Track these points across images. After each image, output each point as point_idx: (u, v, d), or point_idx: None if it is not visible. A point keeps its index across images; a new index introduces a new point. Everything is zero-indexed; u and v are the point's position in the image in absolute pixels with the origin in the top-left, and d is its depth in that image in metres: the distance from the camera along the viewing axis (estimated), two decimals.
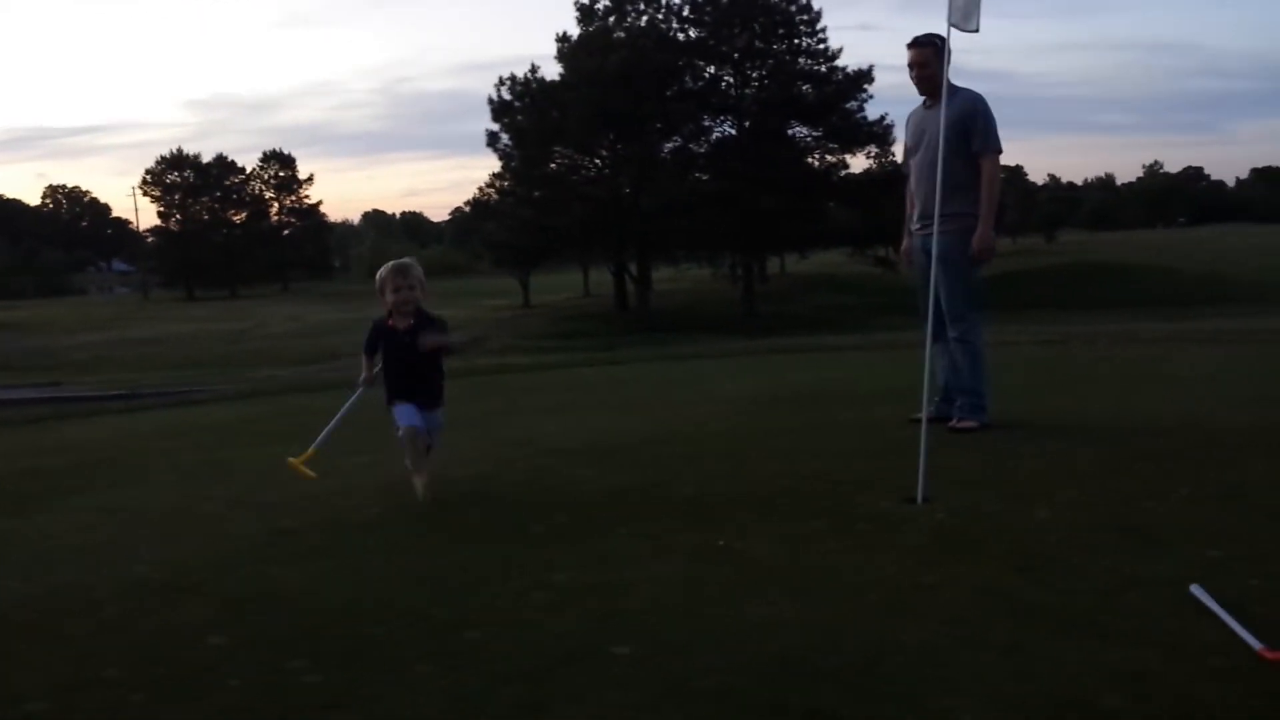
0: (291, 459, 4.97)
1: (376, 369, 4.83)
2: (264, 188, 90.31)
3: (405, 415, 4.61)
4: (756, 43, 50.31)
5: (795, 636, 2.84)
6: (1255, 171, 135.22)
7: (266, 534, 4.25)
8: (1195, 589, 2.96)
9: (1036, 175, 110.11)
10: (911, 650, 2.71)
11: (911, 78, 5.72)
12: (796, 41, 50.67)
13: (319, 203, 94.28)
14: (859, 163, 51.52)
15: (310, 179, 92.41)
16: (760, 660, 2.69)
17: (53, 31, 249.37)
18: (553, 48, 51.22)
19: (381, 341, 4.77)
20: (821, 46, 50.54)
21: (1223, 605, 2.85)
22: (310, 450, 5.00)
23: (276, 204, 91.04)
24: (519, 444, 5.91)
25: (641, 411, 7.17)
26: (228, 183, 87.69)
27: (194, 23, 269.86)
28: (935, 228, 5.42)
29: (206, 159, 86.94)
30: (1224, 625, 2.74)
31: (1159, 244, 71.21)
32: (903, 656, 2.67)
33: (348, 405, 5.03)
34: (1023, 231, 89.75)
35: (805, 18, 50.17)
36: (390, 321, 4.68)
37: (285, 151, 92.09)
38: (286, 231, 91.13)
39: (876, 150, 50.07)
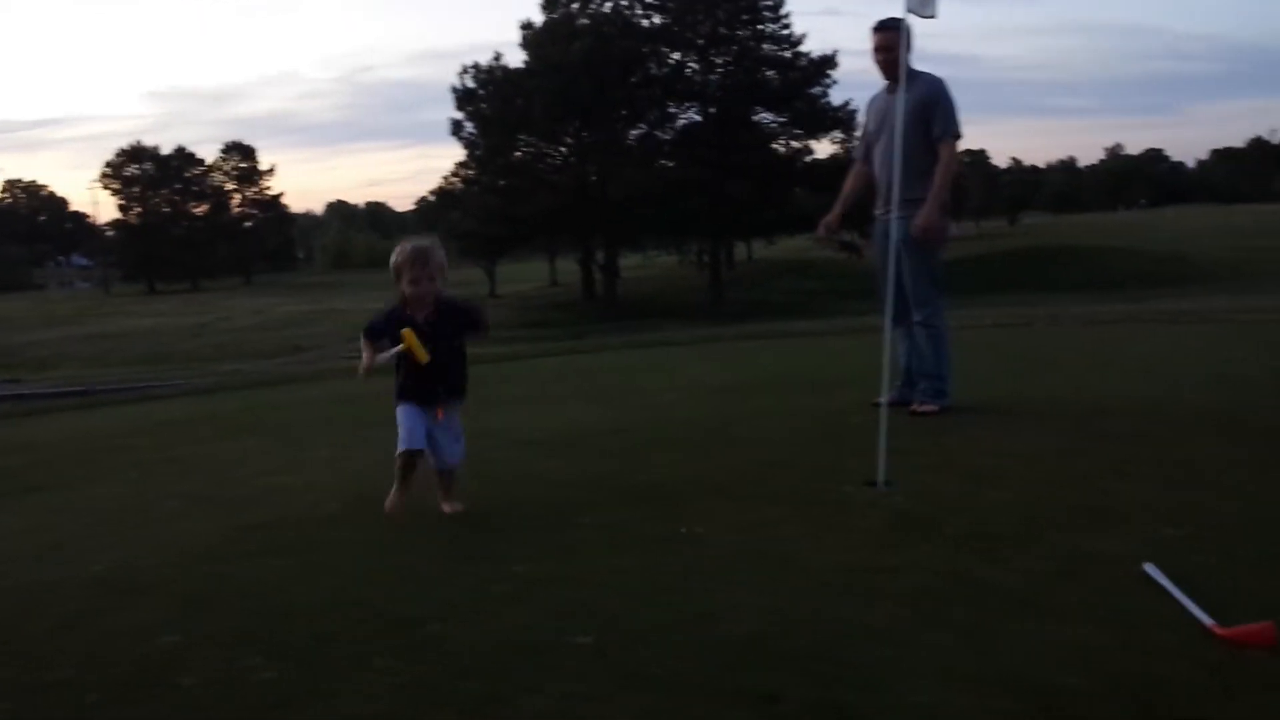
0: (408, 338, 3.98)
1: (385, 356, 4.04)
2: (225, 179, 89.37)
3: (408, 430, 4.05)
4: (721, 29, 50.31)
5: (756, 622, 2.84)
6: (1215, 153, 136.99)
7: (225, 531, 4.20)
8: (1149, 567, 2.99)
9: (1000, 159, 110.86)
10: (871, 633, 2.72)
11: (876, 62, 5.72)
12: (760, 27, 50.71)
13: (281, 194, 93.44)
14: (824, 148, 51.73)
15: (272, 170, 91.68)
16: (721, 646, 2.69)
17: (8, 24, 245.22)
18: (517, 35, 51.04)
19: (390, 328, 4.06)
20: (785, 32, 50.65)
21: (1176, 583, 2.89)
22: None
23: (238, 196, 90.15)
24: (483, 435, 5.86)
25: (607, 400, 7.16)
26: (188, 175, 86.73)
27: (153, 13, 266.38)
28: (895, 212, 5.45)
29: (166, 151, 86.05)
30: (1177, 603, 2.78)
31: (1121, 226, 72.02)
32: (862, 639, 2.69)
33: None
34: (986, 215, 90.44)
35: (769, 3, 50.23)
36: (407, 310, 4.07)
37: (246, 143, 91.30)
38: (248, 223, 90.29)
39: (842, 136, 50.24)
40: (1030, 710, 2.27)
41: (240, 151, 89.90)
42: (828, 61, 50.00)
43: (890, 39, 5.50)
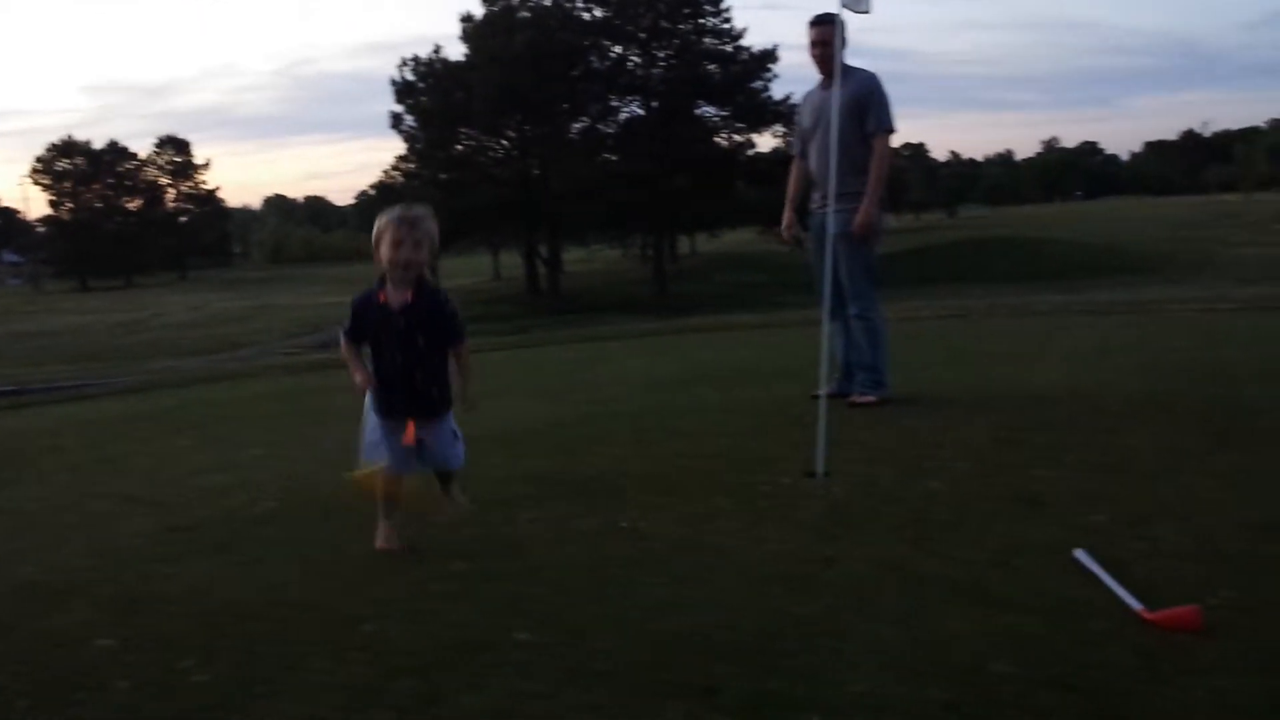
0: (359, 477, 3.62)
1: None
2: (159, 174, 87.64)
3: (392, 447, 3.49)
4: (662, 22, 50.34)
5: (695, 615, 2.86)
6: (1148, 145, 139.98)
7: (159, 532, 4.12)
8: (1079, 553, 3.06)
9: (939, 152, 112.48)
10: (808, 623, 2.75)
11: (813, 56, 5.75)
12: (701, 21, 50.82)
13: (217, 188, 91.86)
14: (766, 142, 52.02)
15: (207, 164, 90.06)
16: (660, 640, 2.70)
17: None
18: (457, 27, 50.64)
19: (365, 323, 3.49)
20: (726, 26, 50.80)
21: (1107, 568, 2.96)
22: (367, 466, 3.63)
23: (172, 190, 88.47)
24: None
25: (550, 395, 7.14)
26: (121, 169, 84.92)
27: (88, 5, 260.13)
28: (831, 206, 5.50)
29: (99, 145, 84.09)
30: (1107, 588, 2.84)
31: (1057, 218, 73.36)
32: (799, 630, 2.71)
33: (368, 409, 3.62)
34: (926, 208, 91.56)
35: None
36: (382, 295, 3.42)
37: (181, 136, 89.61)
38: (183, 218, 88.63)
39: (783, 130, 50.58)
40: (964, 697, 2.31)
41: (175, 145, 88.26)
42: (768, 56, 50.28)
43: (826, 34, 5.53)
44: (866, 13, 4.64)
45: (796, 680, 2.42)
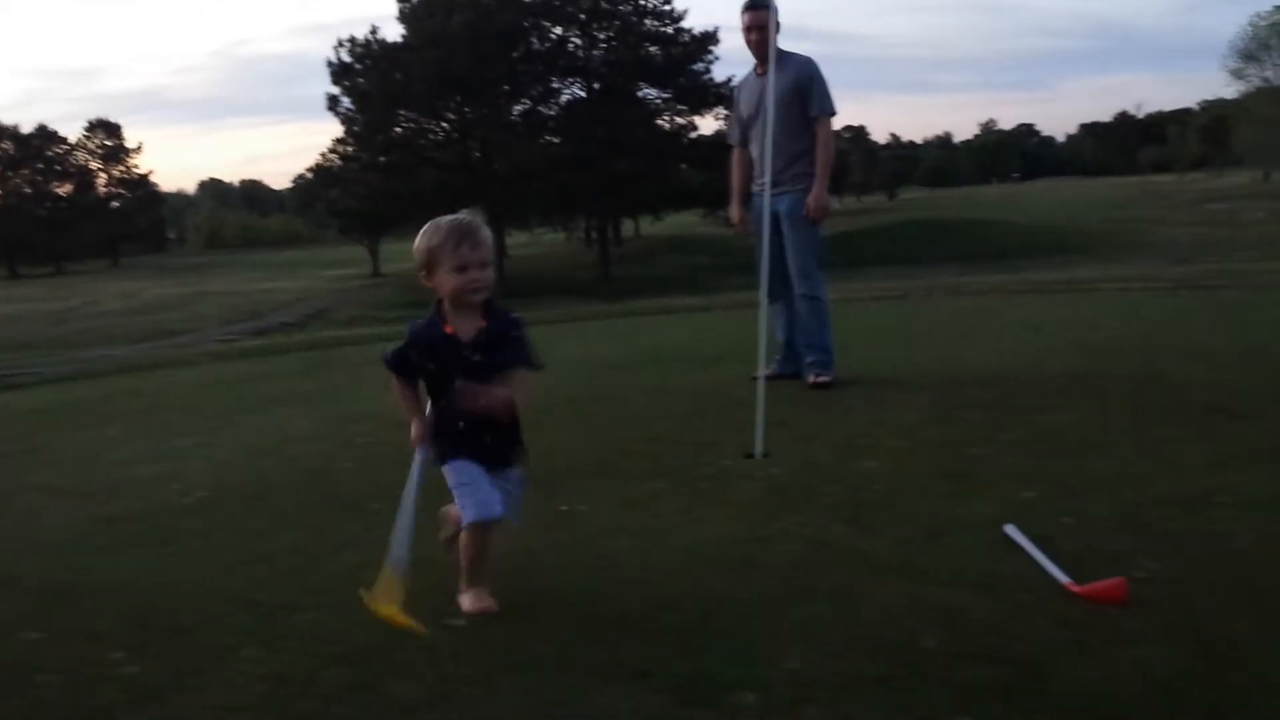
0: (381, 607, 2.69)
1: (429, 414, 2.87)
2: (90, 158, 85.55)
3: (483, 493, 2.78)
4: (603, 3, 50.11)
5: (632, 598, 2.86)
6: (1083, 126, 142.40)
7: (87, 523, 4.04)
8: (1009, 529, 3.11)
9: (879, 135, 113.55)
10: (743, 604, 2.77)
11: (748, 42, 5.74)
12: (642, 2, 50.68)
13: (149, 173, 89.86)
14: (708, 124, 52.10)
15: (139, 148, 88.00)
16: (597, 623, 2.70)
17: None
18: (394, 8, 49.99)
19: (432, 360, 2.81)
20: (667, 7, 50.72)
21: (1035, 542, 3.01)
22: (390, 579, 2.75)
23: (104, 175, 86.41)
24: (361, 419, 5.77)
25: None
26: (50, 154, 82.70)
27: None
28: (769, 190, 5.52)
29: (27, 129, 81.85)
30: (1036, 563, 2.89)
31: (994, 199, 74.37)
32: (735, 610, 2.73)
33: (413, 485, 2.89)
34: (867, 190, 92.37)
35: None
36: (448, 326, 2.77)
37: (112, 120, 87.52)
38: (115, 204, 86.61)
39: (725, 112, 50.65)
40: (894, 672, 2.33)
41: (106, 129, 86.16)
42: (709, 38, 50.30)
43: (761, 18, 5.52)
44: None
45: (731, 660, 2.43)
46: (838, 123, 5.79)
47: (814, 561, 3.05)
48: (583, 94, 51.22)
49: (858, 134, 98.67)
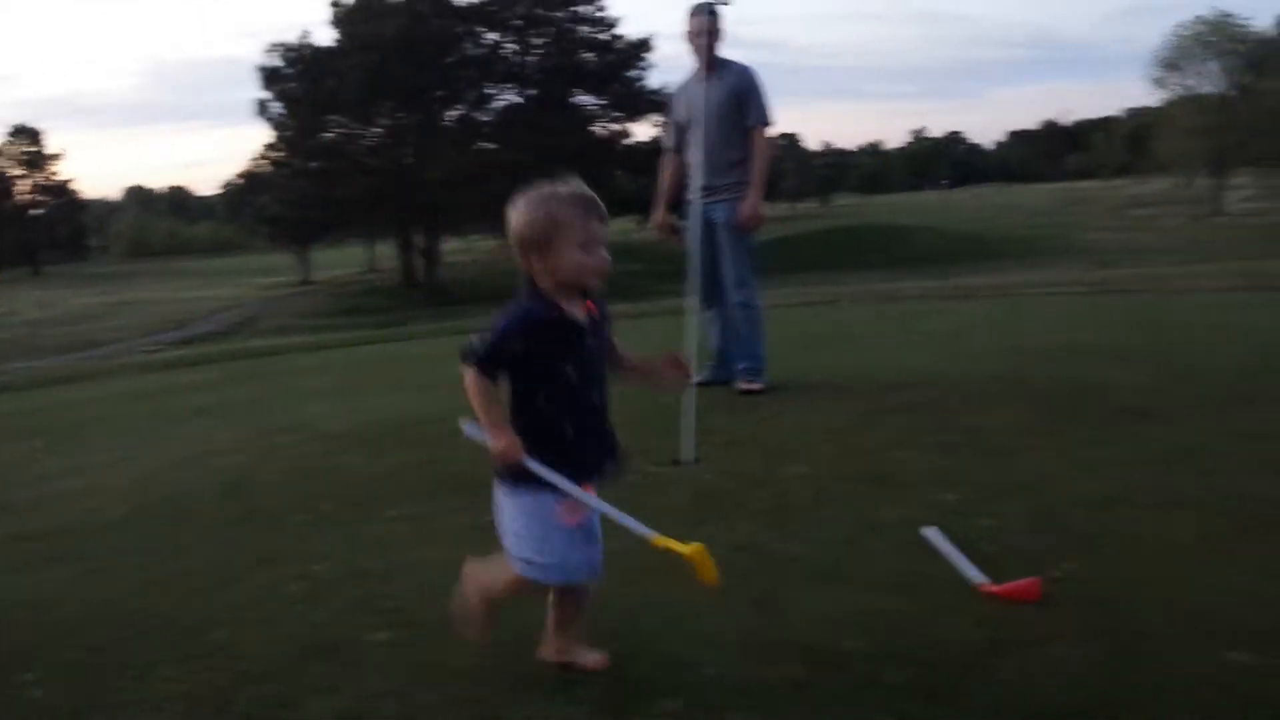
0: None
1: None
2: (9, 164, 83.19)
3: (579, 549, 2.39)
4: (537, 9, 50.00)
5: None
6: (1011, 134, 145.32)
7: (3, 540, 3.93)
8: (927, 531, 3.15)
9: (811, 142, 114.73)
10: (670, 610, 2.77)
11: (692, 46, 5.71)
12: (576, 9, 50.68)
13: (70, 180, 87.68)
14: (643, 131, 52.18)
15: (60, 154, 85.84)
16: (521, 633, 2.68)
17: None
18: (326, 13, 49.40)
19: (546, 347, 2.33)
20: (601, 15, 50.78)
21: (956, 544, 3.05)
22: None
23: (24, 182, 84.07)
24: (286, 430, 5.68)
25: (420, 390, 7.03)
26: None
27: None
28: (701, 197, 5.53)
29: None
30: (954, 564, 2.93)
31: (925, 206, 75.57)
32: (661, 617, 2.73)
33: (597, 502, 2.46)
34: (800, 197, 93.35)
35: None
36: (560, 307, 2.32)
37: (33, 125, 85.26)
38: (36, 211, 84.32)
39: (661, 119, 50.81)
40: (817, 675, 2.36)
41: (27, 135, 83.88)
42: (643, 45, 50.45)
43: (708, 23, 5.52)
44: (726, 4, 4.68)
45: (655, 667, 2.44)
46: (772, 130, 5.82)
47: (740, 567, 3.05)
48: (518, 100, 51.04)
49: (790, 141, 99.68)
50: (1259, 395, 4.98)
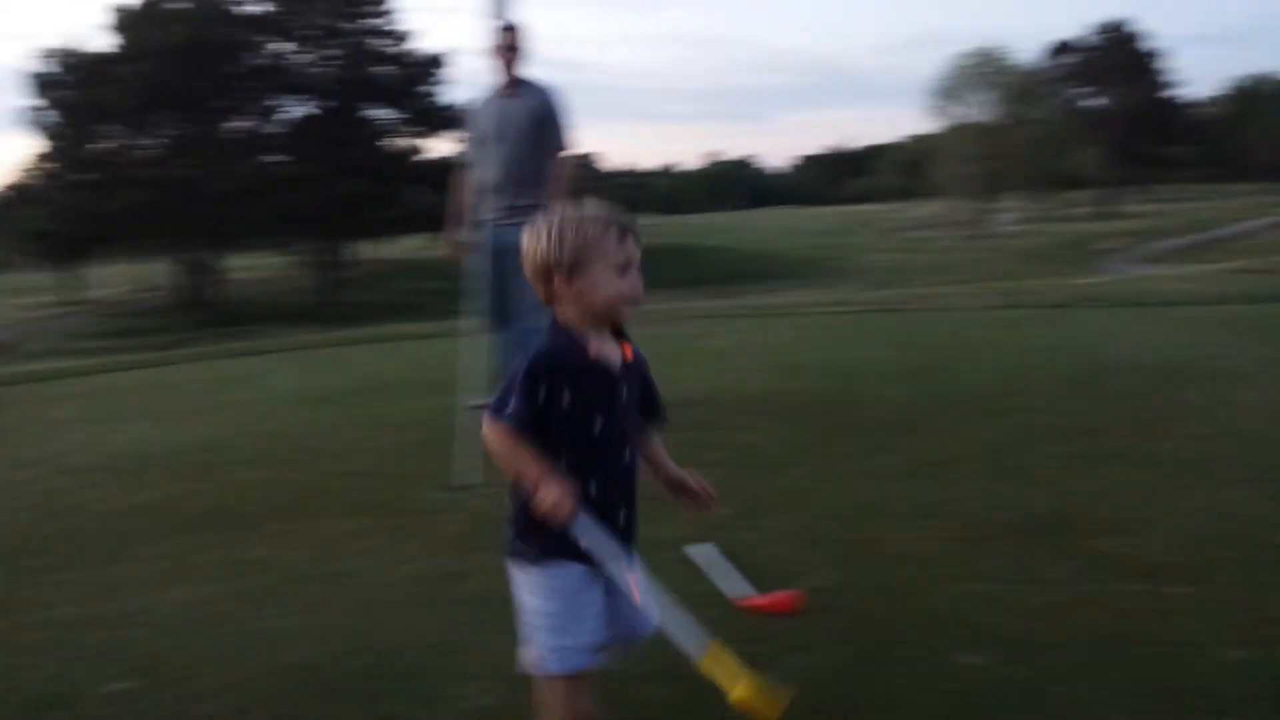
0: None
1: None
2: None
3: (584, 631, 2.03)
4: (328, 21, 48.68)
5: (318, 645, 2.75)
6: (800, 158, 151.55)
7: None
8: (689, 549, 3.22)
9: (610, 162, 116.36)
10: (431, 641, 2.72)
11: (496, 61, 5.54)
12: (367, 22, 49.63)
13: None
14: (436, 147, 51.54)
15: None
16: (275, 675, 2.57)
17: None
18: (106, 17, 46.58)
19: (571, 393, 1.95)
20: (393, 28, 49.93)
21: (723, 559, 3.13)
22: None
23: None
24: (30, 464, 5.27)
25: (187, 416, 6.67)
26: None
27: None
28: (493, 219, 5.44)
29: None
30: (719, 579, 3.00)
31: (719, 226, 77.80)
32: (422, 649, 2.68)
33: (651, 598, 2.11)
34: None
35: None
36: (592, 347, 1.96)
37: None
38: None
39: (452, 135, 50.30)
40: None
41: None
42: (437, 60, 49.92)
43: (514, 39, 5.42)
44: (505, 21, 4.66)
45: (411, 701, 2.39)
46: (574, 151, 5.78)
47: (504, 595, 3.02)
48: (312, 111, 49.46)
49: (589, 161, 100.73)
50: (1002, 408, 5.35)
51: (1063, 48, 65.22)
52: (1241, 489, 3.82)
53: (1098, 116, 63.02)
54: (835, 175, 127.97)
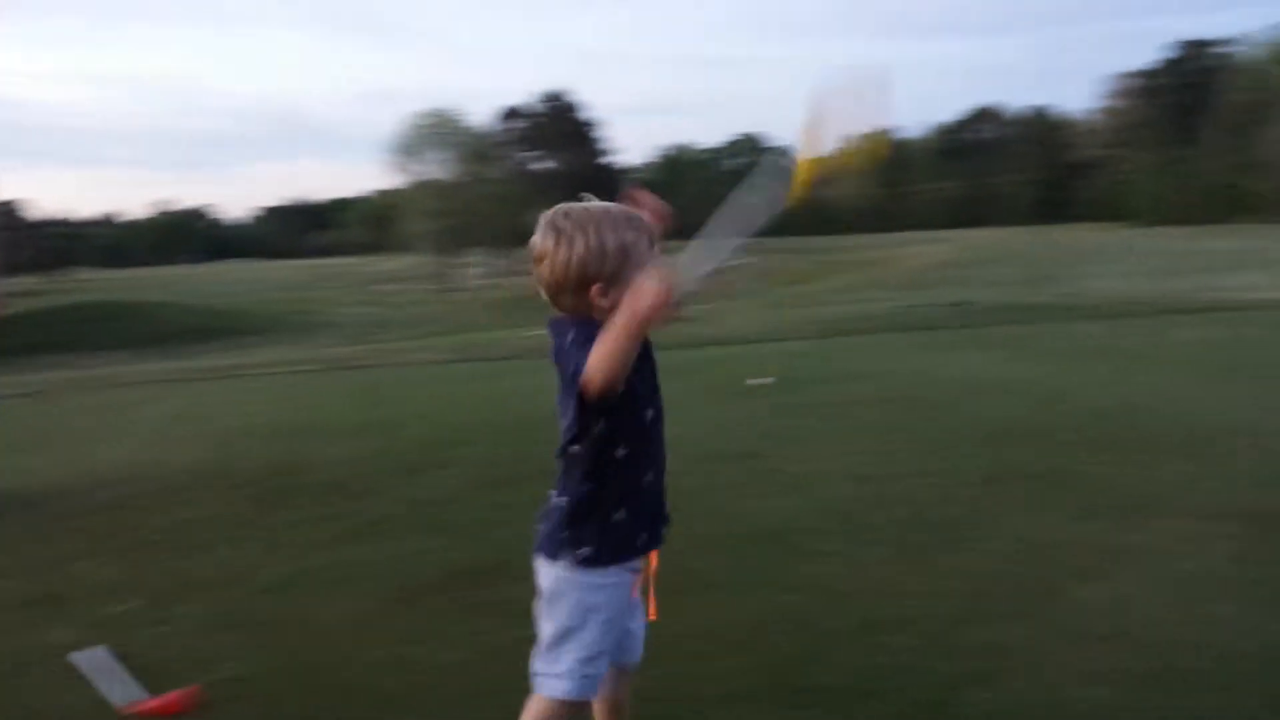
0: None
1: None
2: None
3: (602, 652, 1.92)
4: None
5: None
6: (262, 210, 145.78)
7: None
8: (74, 656, 2.89)
9: (39, 209, 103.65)
10: None
11: None
12: None
13: None
14: None
15: None
16: None
17: None
18: None
19: (627, 381, 1.78)
20: None
21: (119, 660, 2.85)
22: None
23: None
24: None
25: None
26: None
27: None
28: None
29: None
30: (105, 686, 2.72)
31: (170, 281, 72.51)
32: None
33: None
34: (28, 270, 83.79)
35: None
36: None
37: None
38: None
39: None
40: None
41: None
42: None
43: None
44: None
45: None
46: None
47: None
48: None
49: (16, 208, 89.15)
50: (442, 461, 5.50)
51: (513, 113, 69.56)
52: None
53: (547, 178, 67.98)
54: (299, 227, 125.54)
